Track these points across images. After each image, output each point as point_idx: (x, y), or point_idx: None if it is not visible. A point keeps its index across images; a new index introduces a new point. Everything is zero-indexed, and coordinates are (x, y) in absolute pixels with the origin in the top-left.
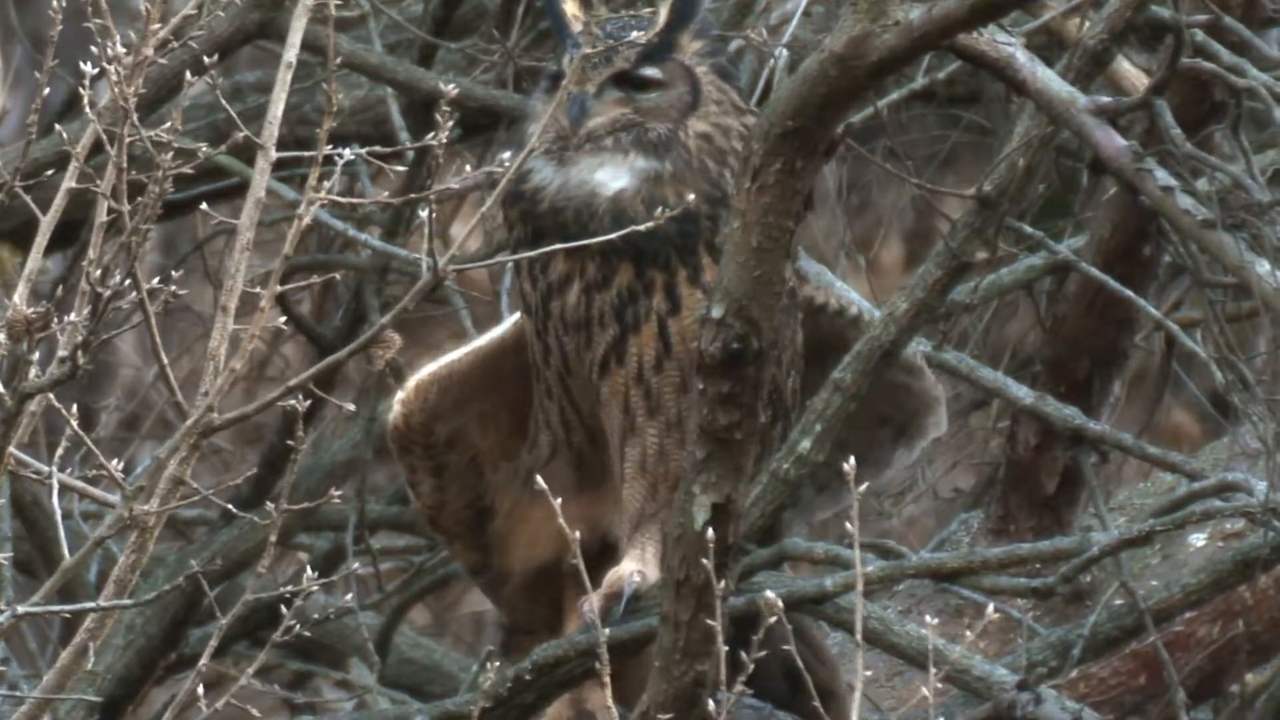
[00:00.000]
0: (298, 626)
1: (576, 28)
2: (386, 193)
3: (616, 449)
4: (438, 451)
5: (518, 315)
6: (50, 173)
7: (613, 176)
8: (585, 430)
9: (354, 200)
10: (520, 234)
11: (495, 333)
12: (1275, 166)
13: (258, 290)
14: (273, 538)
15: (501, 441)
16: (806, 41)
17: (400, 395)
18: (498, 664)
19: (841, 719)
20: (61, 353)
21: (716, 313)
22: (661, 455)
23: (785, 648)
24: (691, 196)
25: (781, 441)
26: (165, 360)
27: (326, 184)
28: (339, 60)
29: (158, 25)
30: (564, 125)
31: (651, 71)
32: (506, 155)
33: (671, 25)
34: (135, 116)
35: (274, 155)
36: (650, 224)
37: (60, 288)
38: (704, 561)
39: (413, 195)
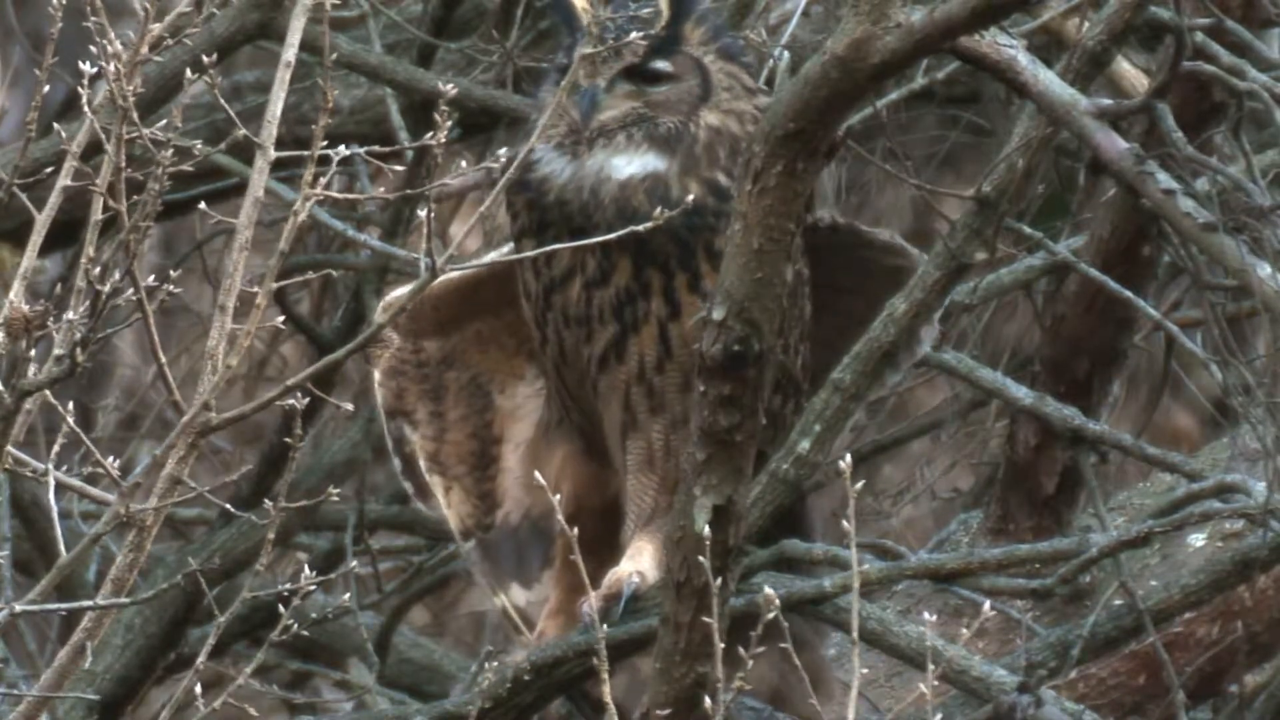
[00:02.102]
0: (295, 626)
1: (586, 20)
2: (383, 189)
3: (616, 439)
4: (432, 371)
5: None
6: (48, 171)
7: (625, 164)
8: (582, 414)
9: (351, 196)
10: (525, 223)
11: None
12: (1276, 169)
13: (255, 289)
14: (270, 536)
15: (507, 360)
16: (806, 42)
17: (377, 319)
18: (496, 664)
19: None
20: (59, 351)
21: (717, 315)
22: (669, 451)
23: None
24: (693, 194)
25: (796, 416)
26: (164, 360)
27: (323, 182)
28: (337, 59)
29: (155, 25)
30: (575, 119)
31: (662, 64)
32: (503, 151)
33: (675, 16)
34: (135, 115)
35: (273, 155)
36: (654, 222)
37: (59, 286)
38: (703, 562)
39: (408, 192)
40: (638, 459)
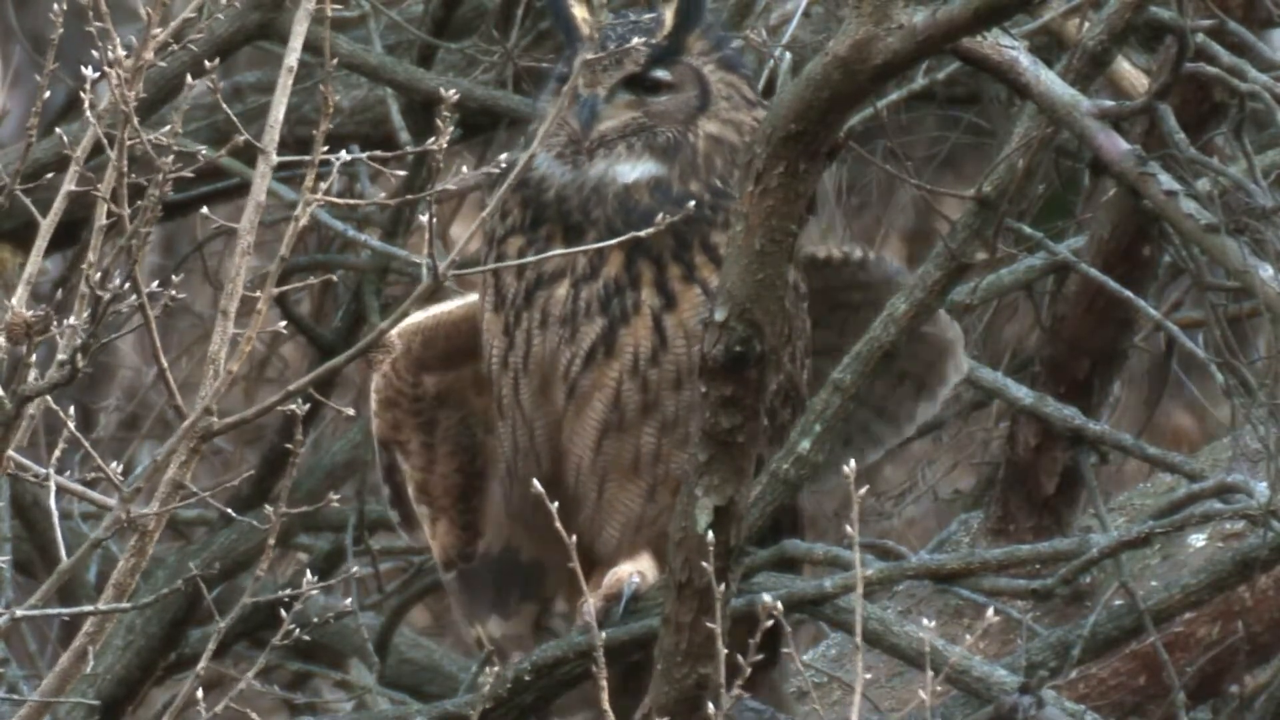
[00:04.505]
0: (298, 630)
1: (585, 30)
2: (385, 194)
3: (588, 449)
4: (426, 406)
5: None
6: (50, 176)
7: (630, 170)
8: (533, 443)
9: (353, 202)
10: (516, 220)
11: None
12: (1277, 170)
13: (256, 293)
14: (271, 540)
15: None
16: (807, 43)
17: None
18: (496, 664)
19: None
20: (61, 356)
21: (719, 316)
22: (659, 456)
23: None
24: (694, 189)
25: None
26: (165, 364)
27: (324, 185)
28: (338, 61)
29: (158, 30)
30: (575, 129)
31: (662, 74)
32: (504, 156)
33: (678, 27)
34: (135, 120)
35: (275, 159)
36: (655, 228)
37: (60, 289)
38: (705, 564)
39: (410, 196)
40: (620, 461)
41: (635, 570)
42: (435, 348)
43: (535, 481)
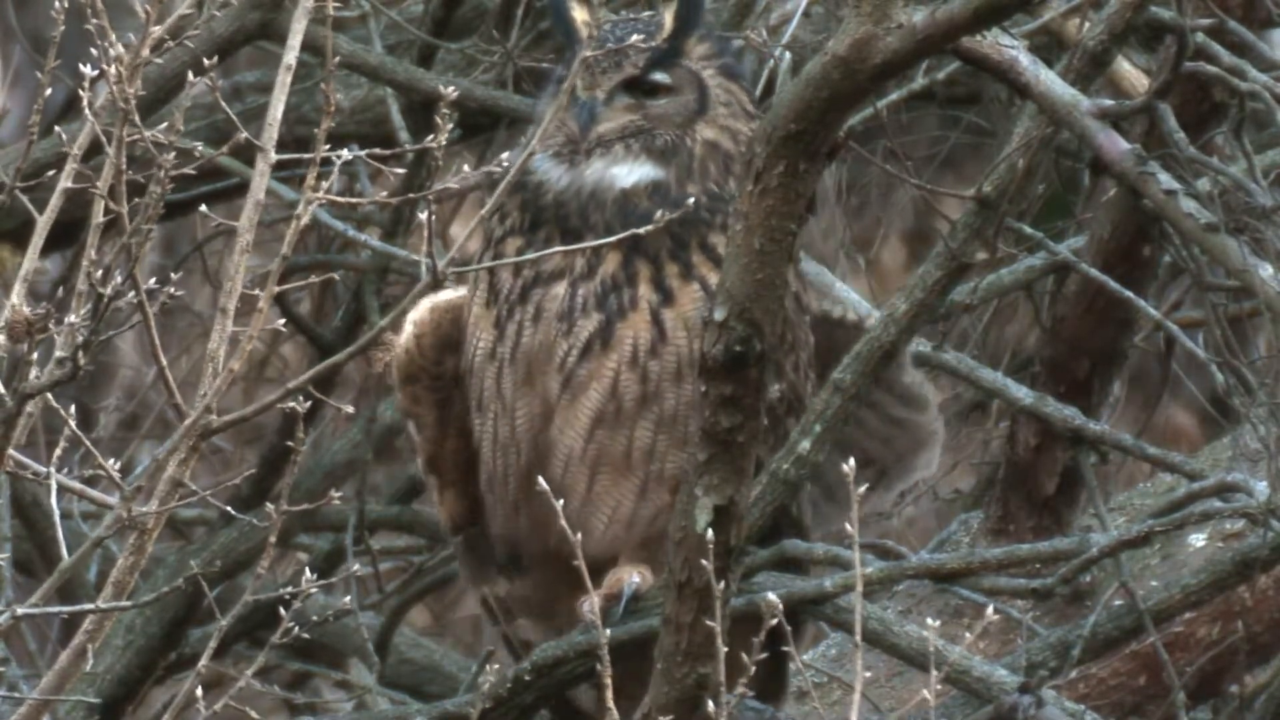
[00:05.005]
0: (296, 629)
1: (586, 34)
2: (385, 193)
3: (578, 446)
4: (444, 385)
5: None
6: (50, 173)
7: (627, 173)
8: (514, 442)
9: (353, 200)
10: (515, 222)
11: None
12: (1277, 169)
13: (256, 292)
14: (272, 539)
15: None
16: (807, 42)
17: (414, 317)
18: (497, 664)
19: None
20: (61, 353)
21: (719, 315)
22: (653, 453)
23: None
24: (692, 192)
25: None
26: (164, 362)
27: (325, 184)
28: (338, 60)
29: (155, 27)
30: (573, 130)
31: (661, 77)
32: (506, 155)
33: (677, 30)
34: (136, 117)
35: (274, 158)
36: (654, 226)
37: (60, 288)
38: (705, 564)
39: (412, 195)
40: (612, 454)
41: (635, 570)
42: (463, 326)
43: (541, 480)
